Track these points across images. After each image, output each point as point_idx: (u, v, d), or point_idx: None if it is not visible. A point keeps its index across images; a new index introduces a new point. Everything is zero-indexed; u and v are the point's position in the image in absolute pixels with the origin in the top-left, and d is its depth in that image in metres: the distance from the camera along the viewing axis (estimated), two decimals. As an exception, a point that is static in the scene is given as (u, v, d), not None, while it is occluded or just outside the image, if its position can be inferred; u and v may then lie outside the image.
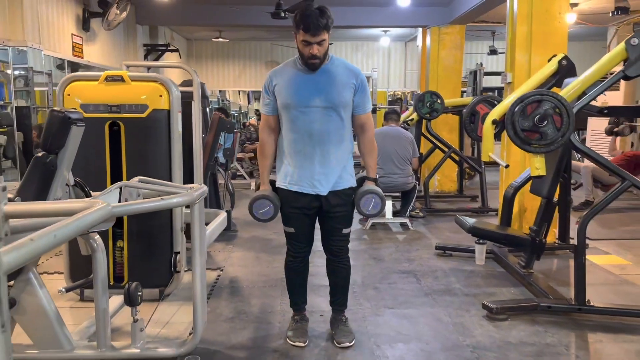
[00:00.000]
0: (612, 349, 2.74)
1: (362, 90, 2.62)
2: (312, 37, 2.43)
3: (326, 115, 2.54)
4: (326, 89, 2.53)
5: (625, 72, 3.09)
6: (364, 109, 2.65)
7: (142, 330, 2.65)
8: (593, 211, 3.15)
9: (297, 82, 2.55)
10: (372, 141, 2.73)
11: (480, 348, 2.71)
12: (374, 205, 2.60)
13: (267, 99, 2.65)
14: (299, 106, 2.54)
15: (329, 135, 2.56)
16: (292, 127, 2.59)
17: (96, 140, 3.25)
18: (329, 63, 2.57)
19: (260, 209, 2.59)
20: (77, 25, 6.14)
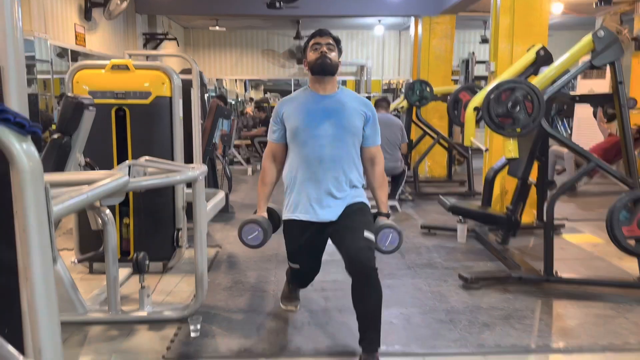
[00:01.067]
0: (574, 313, 3.04)
1: (373, 122, 2.54)
2: (320, 38, 2.47)
3: (336, 140, 2.45)
4: (336, 114, 2.46)
5: (592, 61, 3.36)
6: (374, 141, 2.56)
7: (148, 296, 2.94)
8: (560, 191, 3.44)
9: (307, 107, 2.49)
10: (383, 175, 2.61)
11: (453, 312, 3.01)
12: (391, 241, 2.43)
13: (275, 126, 2.57)
14: (308, 130, 2.45)
15: (340, 161, 2.46)
16: (301, 152, 2.48)
17: (103, 124, 3.51)
18: (339, 92, 2.54)
19: (249, 234, 2.46)
20: (79, 15, 6.36)
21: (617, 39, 3.33)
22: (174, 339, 2.66)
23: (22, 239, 1.15)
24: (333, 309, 3.05)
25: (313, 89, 2.53)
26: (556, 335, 2.76)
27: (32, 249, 1.14)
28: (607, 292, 3.31)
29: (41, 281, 1.15)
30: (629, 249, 3.21)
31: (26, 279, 1.14)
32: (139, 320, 2.86)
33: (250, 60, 12.45)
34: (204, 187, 3.06)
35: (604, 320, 2.92)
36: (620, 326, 2.85)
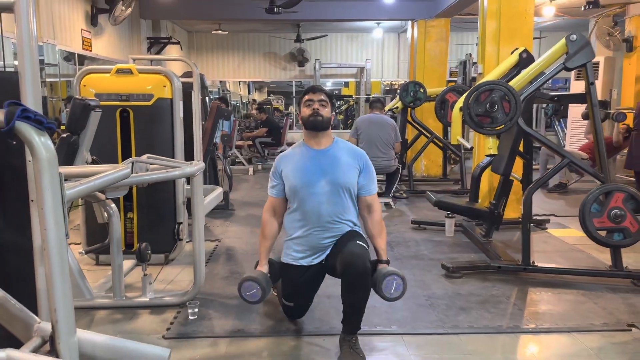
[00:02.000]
0: (547, 299, 3.26)
1: (366, 172, 2.63)
2: (312, 94, 2.62)
3: (333, 196, 2.57)
4: (331, 170, 2.58)
5: (565, 64, 3.57)
6: (369, 190, 2.65)
7: (150, 283, 3.18)
8: (536, 185, 3.65)
9: (303, 165, 2.61)
10: (381, 222, 2.67)
11: (433, 297, 3.23)
12: (396, 288, 2.45)
13: (274, 181, 2.70)
14: (306, 189, 2.58)
15: (337, 215, 2.59)
16: (300, 208, 2.61)
17: (109, 125, 3.75)
18: (333, 145, 2.64)
19: (248, 290, 2.53)
20: (86, 21, 6.62)
21: (589, 42, 3.54)
22: (174, 321, 2.90)
23: (41, 216, 1.38)
24: (322, 295, 3.24)
25: (308, 144, 2.66)
26: (527, 318, 2.97)
27: (48, 224, 1.38)
28: (581, 281, 3.52)
29: (56, 250, 1.38)
30: (599, 239, 3.42)
31: (44, 249, 1.38)
32: (142, 306, 3.09)
33: (252, 62, 12.71)
34: (202, 183, 3.29)
35: (574, 305, 3.14)
36: (588, 310, 3.06)
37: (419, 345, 2.64)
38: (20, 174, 1.98)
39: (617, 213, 3.38)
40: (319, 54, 12.35)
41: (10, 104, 1.40)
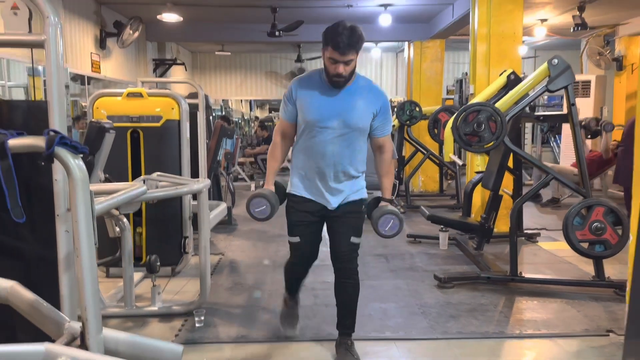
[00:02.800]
0: (532, 307, 3.45)
1: (383, 114, 2.57)
2: (340, 55, 2.36)
3: (342, 137, 2.51)
4: (346, 112, 2.49)
5: (548, 86, 3.81)
6: (384, 131, 2.61)
7: (159, 293, 3.39)
8: (522, 200, 3.87)
9: (319, 101, 2.51)
10: (390, 163, 2.67)
11: (425, 306, 3.43)
12: (392, 226, 2.53)
13: (288, 105, 2.59)
14: (317, 124, 2.51)
15: (342, 157, 2.52)
16: (307, 144, 2.56)
17: (120, 145, 3.99)
18: (354, 83, 2.51)
19: (257, 207, 2.53)
20: (95, 45, 6.92)
21: (569, 66, 3.78)
22: (181, 328, 3.10)
23: (75, 228, 1.61)
24: (320, 304, 3.47)
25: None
26: (512, 324, 3.17)
27: (81, 234, 1.60)
28: (566, 290, 3.71)
29: (87, 256, 1.60)
30: (582, 250, 3.63)
31: (76, 256, 1.60)
32: (151, 314, 3.30)
33: (254, 81, 13.02)
34: (208, 199, 3.52)
35: (558, 313, 3.33)
36: (571, 317, 3.26)
37: (410, 349, 2.84)
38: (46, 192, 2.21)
39: (597, 226, 3.59)
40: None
41: (49, 131, 1.63)
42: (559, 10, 7.60)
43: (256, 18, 7.95)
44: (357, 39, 2.38)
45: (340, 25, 2.37)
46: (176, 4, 6.92)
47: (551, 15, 7.87)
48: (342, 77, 2.43)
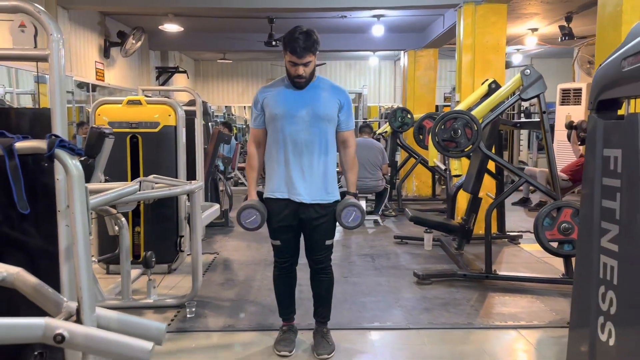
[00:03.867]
0: (503, 302, 3.68)
1: (346, 109, 2.74)
2: (298, 58, 2.57)
3: (311, 126, 2.65)
4: (312, 102, 2.66)
5: (520, 95, 4.05)
6: (348, 125, 2.77)
7: (154, 287, 3.64)
8: (495, 202, 4.10)
9: (285, 96, 2.69)
10: (354, 157, 2.81)
11: (402, 300, 3.67)
12: (354, 218, 2.67)
13: (256, 112, 2.76)
14: (286, 116, 2.65)
15: (312, 145, 2.66)
16: (278, 136, 2.68)
17: (120, 149, 4.25)
18: (315, 81, 2.71)
19: (247, 218, 2.68)
20: (99, 54, 7.22)
21: (541, 76, 4.02)
22: (174, 318, 3.35)
23: (72, 220, 1.86)
24: (305, 298, 3.68)
25: None
26: (481, 317, 3.40)
27: (77, 225, 1.86)
28: (537, 287, 3.94)
29: (83, 244, 1.86)
30: (551, 249, 3.85)
31: (75, 243, 1.86)
32: (146, 306, 3.55)
33: (256, 88, 13.23)
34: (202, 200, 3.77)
35: (526, 307, 3.56)
36: (538, 311, 3.49)
37: (382, 337, 3.09)
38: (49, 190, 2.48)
39: (566, 226, 3.81)
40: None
41: (50, 135, 1.90)
42: (548, 20, 7.84)
43: (254, 28, 8.25)
44: (312, 42, 2.59)
45: (297, 31, 2.59)
46: (177, 15, 7.22)
47: (541, 25, 8.12)
48: (303, 77, 2.63)
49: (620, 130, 1.99)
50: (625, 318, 1.96)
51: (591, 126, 2.18)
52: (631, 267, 1.92)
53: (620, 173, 1.97)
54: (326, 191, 2.73)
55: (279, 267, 2.87)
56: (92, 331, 1.82)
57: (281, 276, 2.89)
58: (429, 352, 2.88)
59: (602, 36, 3.12)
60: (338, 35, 8.96)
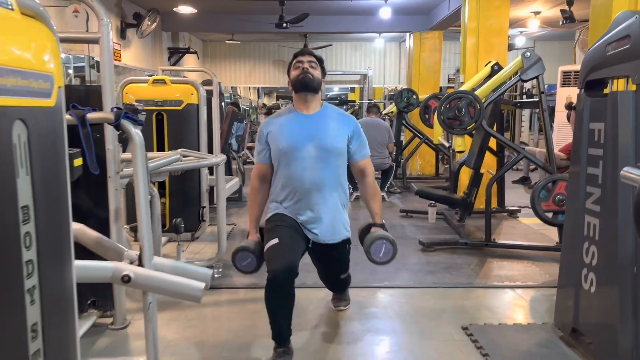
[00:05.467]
0: (500, 266, 4.03)
1: (357, 138, 2.56)
2: (302, 56, 2.54)
3: (319, 162, 2.46)
4: (319, 135, 2.47)
5: (521, 76, 4.34)
6: (362, 154, 2.59)
7: (183, 251, 3.99)
8: (495, 177, 4.43)
9: (290, 128, 2.51)
10: (374, 186, 2.62)
11: (408, 264, 4.02)
12: (385, 252, 2.48)
13: (260, 147, 2.59)
14: (291, 153, 2.47)
15: (321, 183, 2.48)
16: (284, 173, 2.51)
17: (146, 126, 4.57)
18: (322, 110, 2.56)
19: (242, 261, 2.52)
20: (116, 35, 7.49)
21: (540, 59, 4.31)
22: (202, 278, 3.70)
23: (136, 180, 2.19)
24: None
25: (297, 108, 2.56)
26: (481, 278, 3.75)
27: (140, 184, 2.19)
28: (533, 254, 4.28)
29: (144, 200, 2.19)
30: (546, 219, 4.18)
31: (138, 197, 2.19)
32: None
33: (262, 69, 13.56)
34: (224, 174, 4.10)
35: (522, 270, 3.91)
36: (532, 273, 3.84)
37: (391, 294, 3.44)
38: (99, 159, 2.81)
39: (560, 198, 4.14)
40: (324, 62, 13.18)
41: (116, 108, 2.22)
42: (550, 4, 8.08)
43: (265, 10, 8.49)
44: (319, 57, 2.61)
45: None
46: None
47: (543, 8, 8.35)
48: (309, 73, 2.46)
49: (603, 106, 2.30)
50: (603, 267, 2.30)
51: (580, 103, 2.49)
52: (609, 223, 2.25)
53: (603, 143, 2.29)
54: (335, 230, 2.54)
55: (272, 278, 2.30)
56: (153, 273, 2.17)
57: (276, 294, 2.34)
58: (432, 307, 3.23)
59: (595, 22, 3.41)
60: (345, 17, 9.20)
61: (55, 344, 1.18)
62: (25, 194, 1.03)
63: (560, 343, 2.65)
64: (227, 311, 3.23)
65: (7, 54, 1.00)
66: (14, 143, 0.99)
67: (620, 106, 2.14)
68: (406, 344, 2.72)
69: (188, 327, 2.93)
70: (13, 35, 1.04)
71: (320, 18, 9.07)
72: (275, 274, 2.30)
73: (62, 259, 1.25)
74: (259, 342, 2.68)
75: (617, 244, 2.15)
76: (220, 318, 3.11)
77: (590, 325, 2.43)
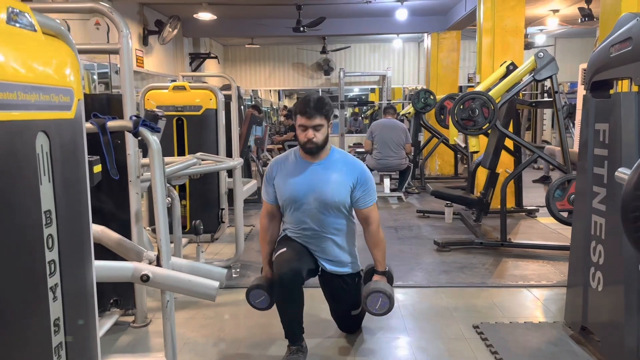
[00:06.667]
0: (515, 266, 4.05)
1: (362, 185, 2.55)
2: (307, 120, 2.45)
3: (320, 213, 2.54)
4: (320, 188, 2.51)
5: (535, 76, 4.35)
6: (365, 203, 2.57)
7: (202, 251, 4.12)
8: (510, 176, 4.44)
9: (293, 179, 2.55)
10: (378, 234, 2.61)
11: (423, 264, 4.07)
12: (381, 305, 2.48)
13: (269, 188, 2.66)
14: (293, 203, 2.56)
15: (325, 230, 2.56)
16: (289, 220, 2.63)
17: (167, 130, 4.69)
18: (328, 157, 2.57)
19: (256, 299, 2.62)
20: (139, 42, 7.70)
21: (553, 59, 4.32)
22: (221, 278, 3.82)
23: (154, 184, 2.31)
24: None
25: (303, 157, 2.60)
26: (494, 277, 3.78)
27: (157, 188, 2.30)
28: (548, 254, 4.28)
29: (161, 204, 2.31)
30: (561, 218, 4.18)
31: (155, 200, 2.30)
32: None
33: (282, 72, 13.71)
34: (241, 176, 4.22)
35: (536, 270, 3.92)
36: (548, 272, 3.85)
37: (405, 293, 3.50)
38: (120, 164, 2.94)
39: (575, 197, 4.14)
40: (343, 64, 13.27)
41: (134, 117, 2.34)
42: (568, 2, 8.00)
43: (282, 14, 8.62)
44: (324, 104, 2.48)
45: (310, 97, 2.52)
46: (210, 4, 7.63)
47: (562, 6, 8.27)
48: (313, 142, 2.47)
49: (607, 107, 2.33)
50: (610, 266, 2.33)
51: (586, 104, 2.52)
52: (614, 222, 2.28)
53: (607, 144, 2.32)
54: (344, 265, 2.64)
55: (280, 282, 2.45)
56: (170, 272, 2.28)
57: (283, 295, 2.50)
58: (445, 305, 3.28)
59: (604, 23, 3.41)
60: (362, 19, 9.26)
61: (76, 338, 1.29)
62: (47, 199, 1.14)
63: (569, 341, 2.68)
64: (244, 310, 3.32)
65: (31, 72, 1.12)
66: (37, 153, 1.10)
67: (623, 107, 2.17)
68: (417, 341, 2.78)
69: (206, 325, 3.04)
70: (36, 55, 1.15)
71: (338, 21, 9.15)
72: (282, 278, 2.43)
73: (83, 258, 1.36)
74: (274, 340, 2.78)
75: (622, 243, 2.18)
76: (237, 316, 3.22)
77: (598, 323, 2.46)
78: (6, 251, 1.00)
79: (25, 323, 1.09)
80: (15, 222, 1.04)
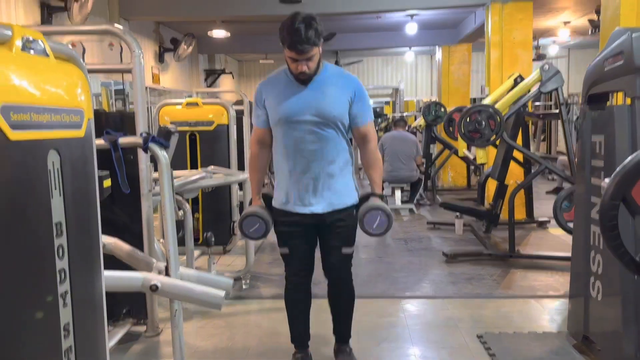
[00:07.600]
0: (522, 277, 4.06)
1: (359, 100, 2.37)
2: (298, 54, 2.21)
3: (318, 131, 2.33)
4: (317, 103, 2.31)
5: (540, 89, 4.40)
6: (363, 119, 2.40)
7: (214, 263, 4.21)
8: (518, 187, 4.48)
9: (287, 96, 2.34)
10: (375, 152, 2.46)
11: (431, 275, 4.11)
12: (379, 223, 2.32)
13: (259, 111, 2.46)
14: (288, 122, 2.34)
15: (321, 153, 2.34)
16: (282, 144, 2.39)
17: (180, 145, 4.84)
18: (322, 72, 2.35)
19: (250, 227, 2.45)
20: (155, 59, 7.92)
21: (558, 71, 4.36)
22: (233, 289, 3.91)
23: (162, 197, 2.42)
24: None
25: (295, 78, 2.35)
26: (502, 288, 3.80)
27: (166, 200, 2.41)
28: (558, 264, 4.29)
29: (170, 216, 2.41)
30: (569, 229, 4.19)
31: (164, 213, 2.41)
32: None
33: (296, 86, 13.88)
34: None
35: (545, 281, 3.94)
36: (555, 283, 3.87)
37: (411, 303, 3.54)
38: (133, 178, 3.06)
39: (583, 208, 4.15)
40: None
41: (145, 133, 2.46)
42: (579, 13, 8.03)
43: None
44: (313, 33, 2.19)
45: (296, 20, 2.18)
46: (224, 22, 7.82)
47: (572, 17, 8.30)
48: (307, 74, 2.27)
49: (602, 119, 2.38)
50: (608, 275, 2.36)
51: (582, 116, 2.57)
52: (612, 232, 2.32)
53: (603, 155, 2.37)
54: (342, 196, 2.41)
55: (290, 281, 2.53)
56: (178, 282, 2.38)
57: (293, 294, 2.55)
58: (450, 315, 3.32)
59: (605, 36, 3.45)
60: (373, 33, 9.39)
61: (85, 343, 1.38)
62: (58, 212, 1.24)
63: (572, 350, 2.70)
64: (254, 320, 3.41)
65: (44, 95, 1.23)
66: (48, 169, 1.21)
67: (617, 119, 2.22)
68: (421, 351, 2.83)
69: (215, 334, 3.13)
70: (48, 78, 1.27)
71: (350, 35, 9.28)
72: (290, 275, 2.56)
73: (92, 268, 1.45)
74: (281, 349, 2.84)
75: (618, 252, 2.21)
76: (246, 326, 3.30)
77: (599, 332, 2.49)
78: (20, 259, 1.10)
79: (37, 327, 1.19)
80: (28, 233, 1.14)
